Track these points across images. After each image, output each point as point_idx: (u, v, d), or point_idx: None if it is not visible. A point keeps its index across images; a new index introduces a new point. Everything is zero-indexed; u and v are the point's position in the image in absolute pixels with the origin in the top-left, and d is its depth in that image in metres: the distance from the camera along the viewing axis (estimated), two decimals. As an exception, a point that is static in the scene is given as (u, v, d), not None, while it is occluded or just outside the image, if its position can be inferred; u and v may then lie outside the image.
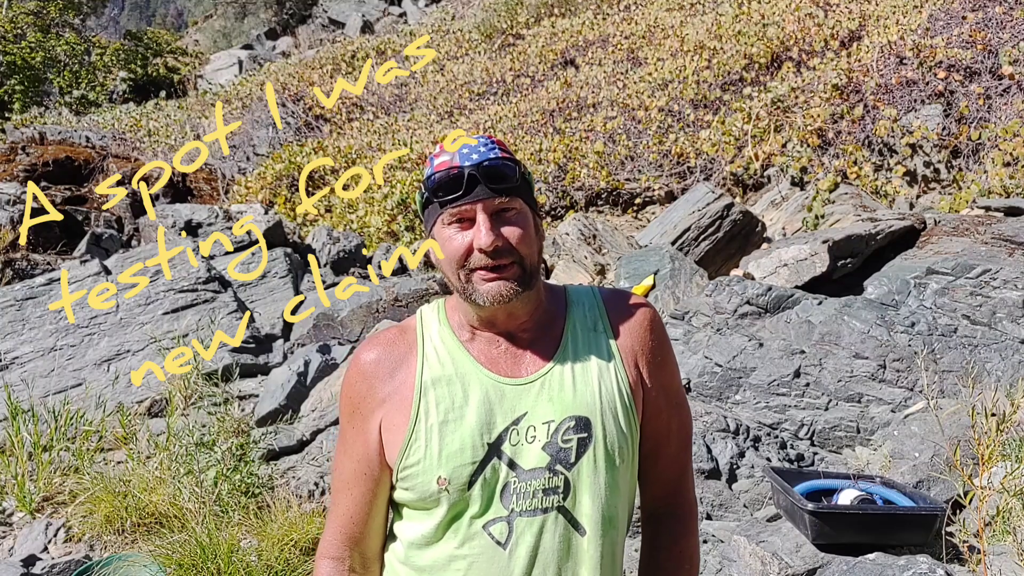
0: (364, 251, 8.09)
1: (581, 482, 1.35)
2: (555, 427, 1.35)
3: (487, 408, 1.35)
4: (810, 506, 2.99)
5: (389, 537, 1.47)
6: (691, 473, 1.56)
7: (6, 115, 16.90)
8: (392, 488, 1.42)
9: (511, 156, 1.37)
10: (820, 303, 4.73)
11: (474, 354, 1.39)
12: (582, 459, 1.35)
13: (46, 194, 10.53)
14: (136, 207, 10.46)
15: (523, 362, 1.39)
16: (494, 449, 1.33)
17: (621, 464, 1.38)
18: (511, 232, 1.33)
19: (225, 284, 6.57)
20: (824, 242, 5.31)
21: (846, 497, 3.16)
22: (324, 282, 7.06)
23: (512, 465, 1.33)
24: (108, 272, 6.54)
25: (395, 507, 1.45)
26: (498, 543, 1.33)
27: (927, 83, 7.44)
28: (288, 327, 6.38)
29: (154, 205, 9.74)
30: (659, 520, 1.51)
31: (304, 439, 4.67)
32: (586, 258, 6.82)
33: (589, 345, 1.42)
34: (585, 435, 1.35)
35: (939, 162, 7.13)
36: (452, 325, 1.43)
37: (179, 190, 11.43)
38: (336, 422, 4.69)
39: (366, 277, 7.23)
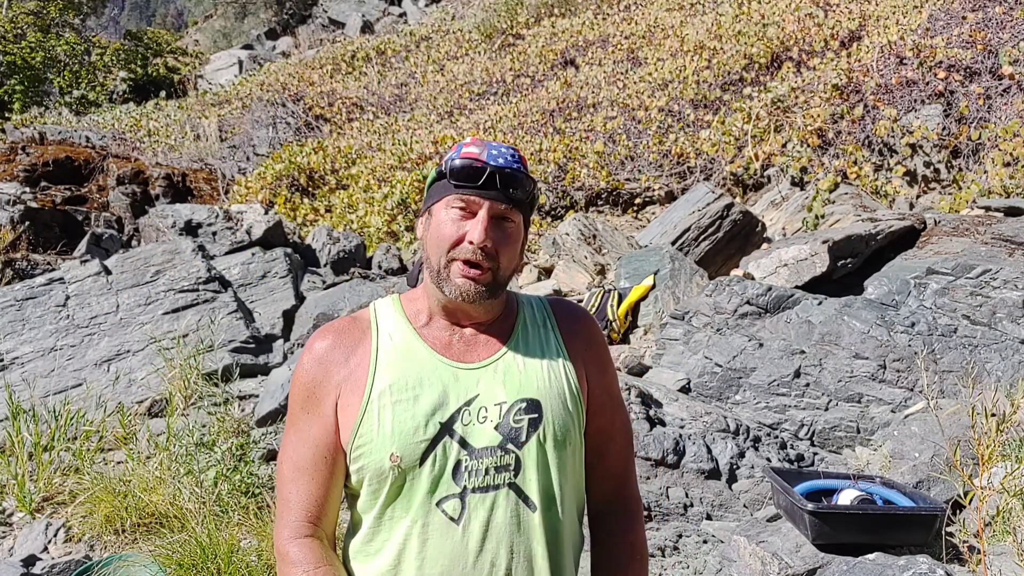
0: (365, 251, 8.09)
1: (531, 460, 1.40)
2: (507, 408, 1.41)
3: (440, 390, 1.40)
4: (810, 506, 2.99)
5: (346, 537, 1.48)
6: (635, 469, 1.64)
7: (6, 115, 16.90)
8: (346, 476, 1.45)
9: (530, 175, 1.45)
10: (820, 303, 4.73)
11: (428, 340, 1.45)
12: (532, 438, 1.41)
13: (46, 194, 10.54)
14: (136, 207, 10.46)
15: (476, 349, 1.46)
16: (446, 428, 1.38)
17: (569, 447, 1.45)
18: (502, 241, 1.41)
19: (225, 284, 6.57)
20: (824, 242, 5.31)
21: (846, 497, 3.16)
22: (324, 282, 7.05)
23: (464, 444, 1.38)
24: (108, 272, 6.54)
25: (351, 501, 1.47)
26: (451, 519, 1.37)
27: (927, 83, 7.44)
28: (288, 327, 6.38)
29: (154, 205, 9.74)
30: (609, 515, 1.57)
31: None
32: (586, 258, 6.82)
33: (539, 338, 1.51)
34: (536, 415, 1.42)
35: (939, 162, 7.13)
36: (407, 314, 1.49)
37: (179, 190, 11.43)
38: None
39: (366, 277, 7.23)
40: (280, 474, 1.47)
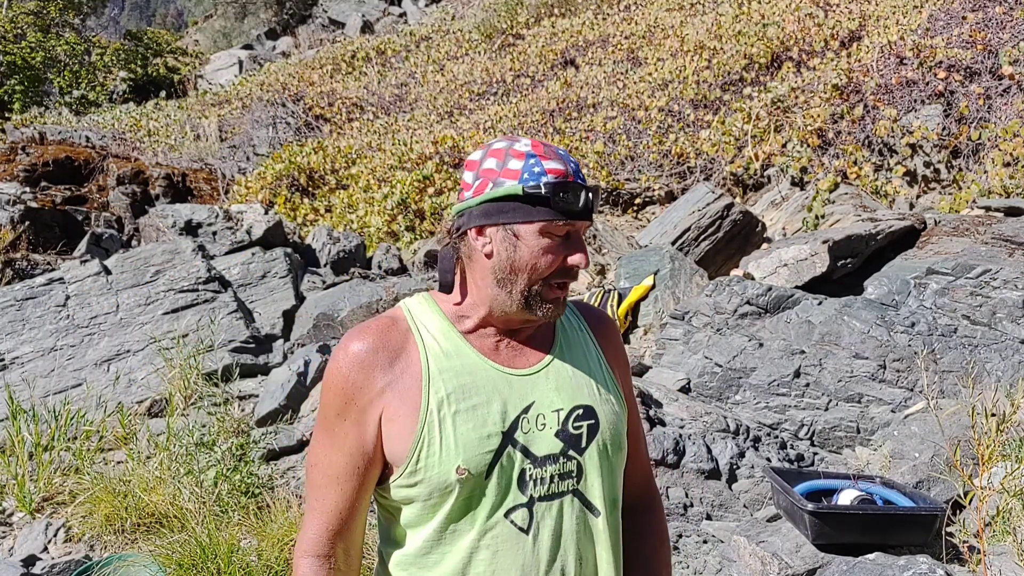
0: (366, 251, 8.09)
1: (592, 466, 1.40)
2: (565, 415, 1.39)
3: (497, 397, 1.36)
4: (810, 506, 2.99)
5: (386, 545, 1.45)
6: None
7: (6, 115, 16.90)
8: (381, 485, 1.41)
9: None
10: (820, 303, 4.73)
11: (476, 346, 1.41)
12: (592, 444, 1.40)
13: (46, 194, 10.54)
14: (136, 207, 10.46)
15: (523, 355, 1.43)
16: (508, 437, 1.35)
17: (621, 451, 1.46)
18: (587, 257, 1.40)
19: (225, 284, 6.57)
20: (824, 242, 5.31)
21: (846, 497, 3.16)
22: (324, 282, 7.06)
23: (526, 452, 1.36)
24: (108, 272, 6.54)
25: (388, 511, 1.42)
26: (521, 529, 1.35)
27: (927, 83, 7.44)
28: (288, 327, 6.38)
29: (154, 204, 9.75)
30: (640, 510, 1.59)
31: (304, 439, 4.67)
32: (586, 258, 6.81)
33: (579, 343, 1.50)
34: (593, 422, 1.41)
35: (939, 162, 7.13)
36: (449, 317, 1.43)
37: (179, 190, 11.42)
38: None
39: (366, 277, 7.23)
40: (310, 479, 1.41)
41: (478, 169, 1.38)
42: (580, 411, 1.40)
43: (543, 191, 1.31)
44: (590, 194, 1.35)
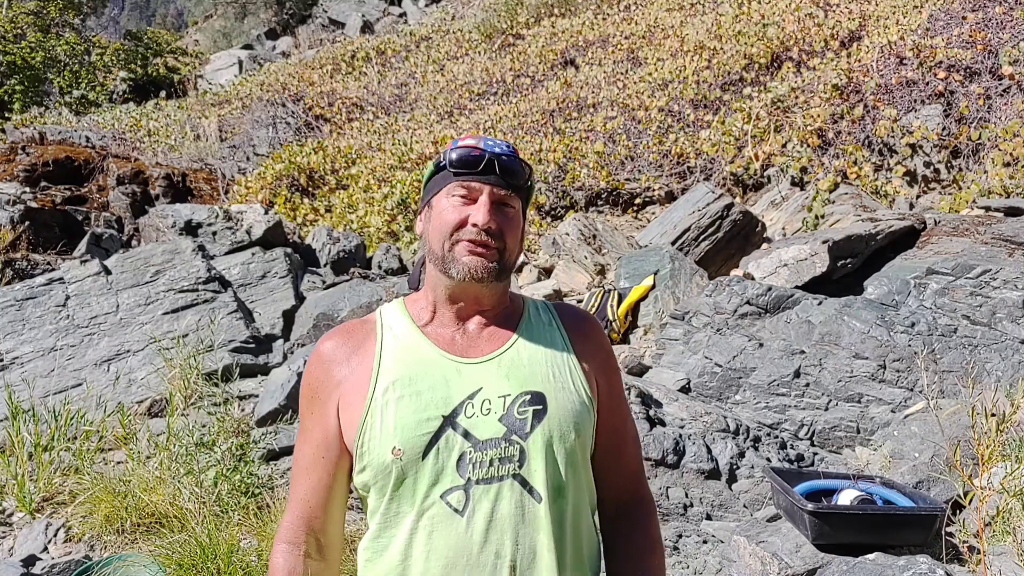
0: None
1: (536, 451, 1.40)
2: (511, 400, 1.42)
3: (443, 384, 1.41)
4: (810, 506, 2.99)
5: (372, 529, 1.49)
6: (644, 471, 1.67)
7: (6, 115, 16.89)
8: (350, 478, 1.47)
9: (527, 163, 1.50)
10: (820, 303, 4.73)
11: (432, 338, 1.47)
12: (536, 429, 1.41)
13: (46, 194, 10.54)
14: (136, 207, 10.46)
15: (479, 344, 1.47)
16: (448, 421, 1.38)
17: (576, 440, 1.44)
18: (504, 223, 1.44)
19: (225, 284, 6.57)
20: (824, 242, 5.31)
21: (846, 497, 3.16)
22: (324, 282, 7.05)
23: (467, 436, 1.38)
24: (108, 272, 6.54)
25: (364, 505, 1.47)
26: (455, 510, 1.37)
27: (927, 83, 7.44)
28: (288, 327, 6.38)
29: (154, 204, 9.75)
30: (626, 514, 1.58)
31: (304, 439, 4.67)
32: (586, 258, 6.82)
33: (543, 335, 1.52)
34: (540, 407, 1.42)
35: (939, 162, 7.12)
36: (411, 314, 1.51)
37: (179, 190, 11.42)
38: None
39: (366, 277, 7.23)
40: (292, 470, 1.51)
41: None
42: (527, 397, 1.42)
43: (443, 160, 1.45)
44: (496, 161, 1.42)
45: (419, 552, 1.38)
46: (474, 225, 1.40)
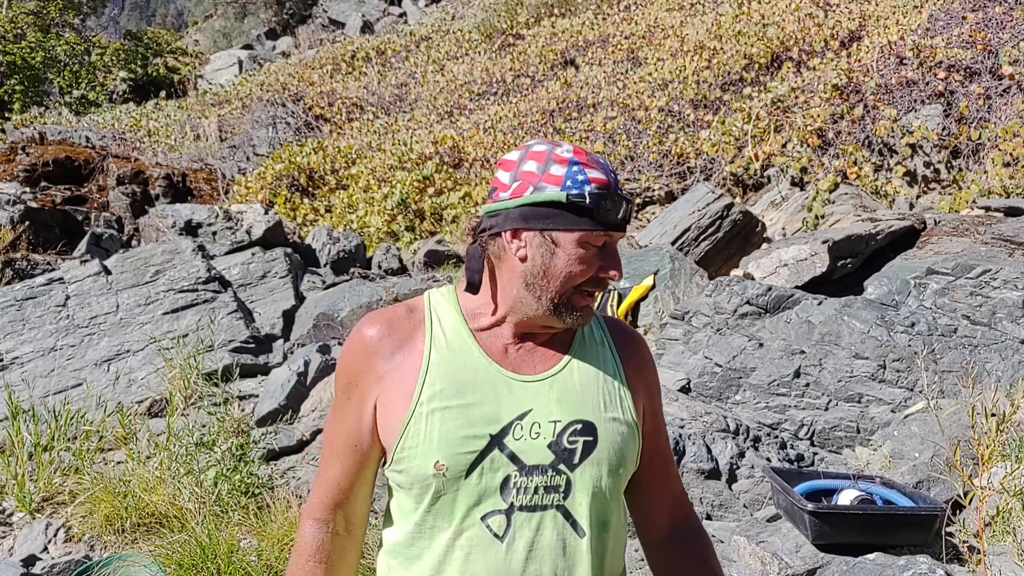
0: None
1: (582, 484, 1.36)
2: (562, 427, 1.36)
3: (493, 399, 1.35)
4: (810, 506, 2.99)
5: (386, 525, 1.46)
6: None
7: (6, 115, 16.89)
8: (382, 464, 1.44)
9: None
10: (820, 303, 4.73)
11: (484, 345, 1.39)
12: (585, 461, 1.36)
13: (46, 194, 10.54)
14: (136, 207, 10.46)
15: (532, 361, 1.40)
16: (496, 440, 1.33)
17: (622, 472, 1.40)
18: None
19: (225, 284, 6.57)
20: (824, 242, 5.31)
21: (846, 497, 3.16)
22: (324, 282, 7.06)
23: (513, 458, 1.33)
24: (108, 272, 6.54)
25: (391, 491, 1.44)
26: (496, 535, 1.32)
27: (927, 83, 7.44)
28: (288, 327, 6.38)
29: (154, 204, 9.75)
30: (681, 540, 1.52)
31: (304, 439, 4.67)
32: (586, 258, 6.81)
33: (597, 356, 1.45)
34: (591, 439, 1.37)
35: (939, 162, 7.13)
36: (465, 313, 1.42)
37: (179, 190, 11.43)
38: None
39: (366, 277, 7.23)
40: (323, 446, 1.48)
41: (516, 170, 1.35)
42: (579, 426, 1.37)
43: (587, 201, 1.30)
44: (629, 205, 1.34)
45: (454, 572, 1.33)
46: (609, 279, 1.35)
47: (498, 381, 1.36)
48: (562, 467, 1.35)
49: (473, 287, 1.41)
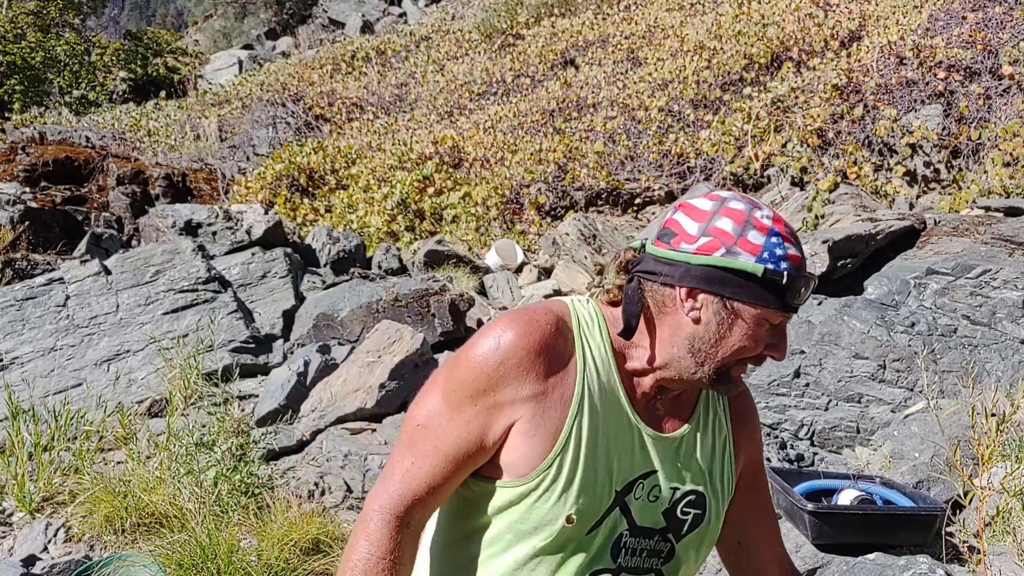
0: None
1: (684, 555, 1.35)
2: (679, 495, 1.33)
3: (629, 453, 1.29)
4: (810, 506, 2.99)
5: (448, 535, 1.36)
6: None
7: (6, 115, 16.89)
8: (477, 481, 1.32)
9: None
10: (820, 303, 4.73)
11: (629, 391, 1.31)
12: (691, 535, 1.35)
13: (46, 194, 10.54)
14: (136, 207, 10.46)
15: (665, 418, 1.35)
16: (620, 498, 1.28)
17: (712, 545, 1.41)
18: None
19: (225, 284, 6.56)
20: (824, 242, 5.31)
21: (846, 497, 3.16)
22: (324, 282, 7.05)
23: (629, 518, 1.29)
24: (108, 272, 6.54)
25: (466, 502, 1.32)
26: None
27: (927, 83, 7.44)
28: (288, 327, 6.38)
29: (154, 204, 9.75)
30: None
31: (304, 439, 4.67)
32: (586, 258, 6.82)
33: (715, 419, 1.41)
34: (700, 512, 1.35)
35: (939, 162, 7.12)
36: (615, 345, 1.31)
37: (179, 190, 11.43)
38: (338, 422, 4.69)
39: (366, 277, 7.23)
40: (411, 436, 1.28)
41: (707, 223, 1.25)
42: (693, 496, 1.34)
43: (783, 280, 1.22)
44: (815, 287, 1.29)
45: None
46: (773, 358, 1.30)
47: (635, 434, 1.30)
48: (670, 536, 1.32)
49: (628, 332, 1.30)
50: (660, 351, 1.29)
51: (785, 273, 1.22)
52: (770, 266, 1.22)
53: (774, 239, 1.24)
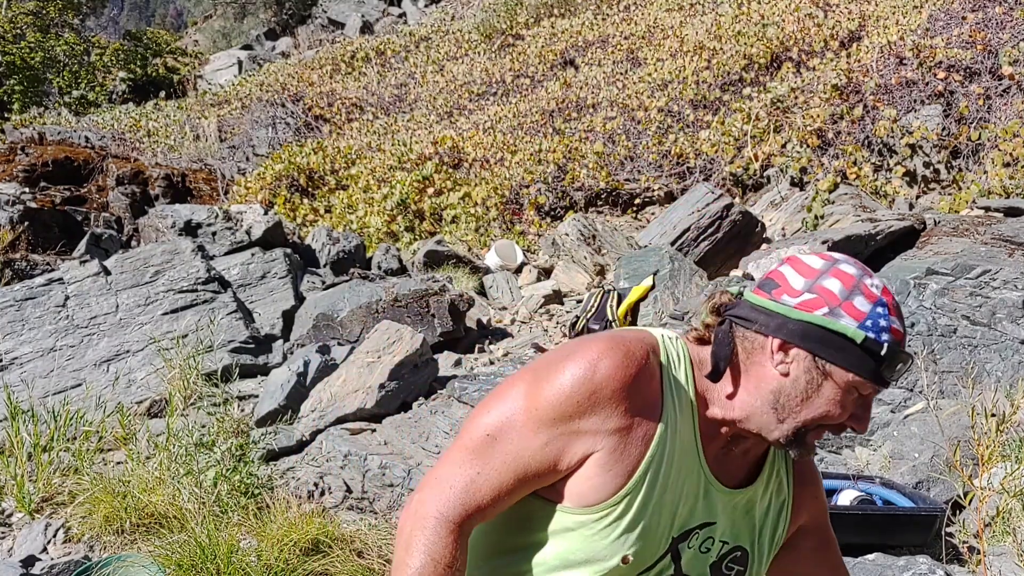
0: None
1: None
2: (727, 550, 1.32)
3: (692, 501, 1.27)
4: (810, 506, 2.99)
5: (497, 541, 1.33)
6: None
7: (6, 115, 16.89)
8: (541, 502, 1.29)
9: None
10: (820, 303, 4.73)
11: (704, 441, 1.29)
12: None
13: (45, 194, 10.54)
14: (136, 207, 10.46)
15: (731, 469, 1.33)
16: (674, 545, 1.27)
17: None
18: None
19: (225, 284, 6.56)
20: (824, 242, 5.31)
21: (846, 497, 3.16)
22: (324, 282, 7.05)
23: (677, 566, 1.28)
24: (108, 272, 6.54)
25: (522, 513, 1.30)
26: None
27: (927, 83, 7.44)
28: (288, 327, 6.38)
29: (154, 205, 9.75)
30: None
31: (304, 439, 4.67)
32: (586, 258, 6.82)
33: (778, 480, 1.40)
34: (743, 569, 1.34)
35: (939, 162, 7.13)
36: (697, 390, 1.28)
37: (179, 190, 11.42)
38: (337, 422, 4.68)
39: (366, 277, 7.23)
40: (479, 442, 1.24)
41: (814, 281, 1.23)
42: (739, 553, 1.32)
43: (882, 351, 1.20)
44: (911, 365, 1.27)
45: None
46: (855, 430, 1.27)
47: (700, 483, 1.28)
48: None
49: (716, 375, 1.27)
50: (742, 401, 1.27)
51: (886, 345, 1.20)
52: (871, 335, 1.20)
53: (880, 309, 1.21)
